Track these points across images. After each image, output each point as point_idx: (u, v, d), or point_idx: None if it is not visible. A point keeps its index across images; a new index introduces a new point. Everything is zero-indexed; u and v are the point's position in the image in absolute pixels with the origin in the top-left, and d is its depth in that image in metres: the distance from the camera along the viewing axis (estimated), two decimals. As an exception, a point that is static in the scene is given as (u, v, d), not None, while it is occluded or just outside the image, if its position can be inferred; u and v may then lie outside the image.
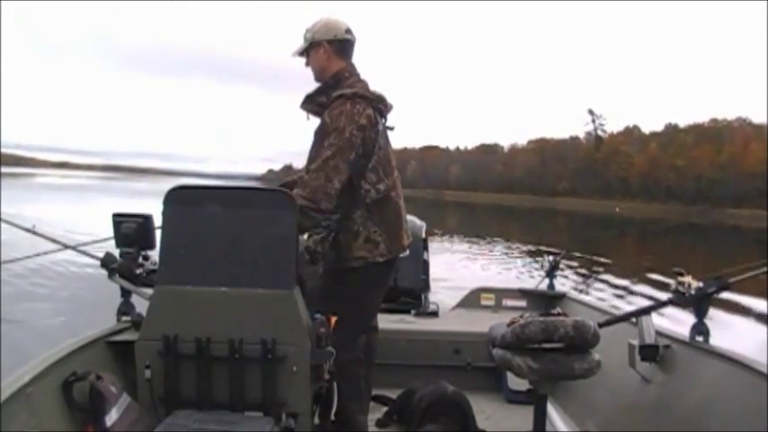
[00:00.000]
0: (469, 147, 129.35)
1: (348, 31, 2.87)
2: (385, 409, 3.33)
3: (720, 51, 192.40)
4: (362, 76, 2.91)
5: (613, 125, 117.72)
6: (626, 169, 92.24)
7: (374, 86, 2.92)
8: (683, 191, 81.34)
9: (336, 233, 2.82)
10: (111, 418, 2.31)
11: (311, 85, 2.96)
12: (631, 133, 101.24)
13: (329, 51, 2.84)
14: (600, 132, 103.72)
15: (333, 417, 2.79)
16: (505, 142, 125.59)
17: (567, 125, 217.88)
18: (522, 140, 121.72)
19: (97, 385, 2.33)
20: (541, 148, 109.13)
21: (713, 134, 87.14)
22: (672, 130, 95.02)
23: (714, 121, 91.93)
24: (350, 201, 2.79)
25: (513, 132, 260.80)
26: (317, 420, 2.69)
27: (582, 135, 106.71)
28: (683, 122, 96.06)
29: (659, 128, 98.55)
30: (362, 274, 2.83)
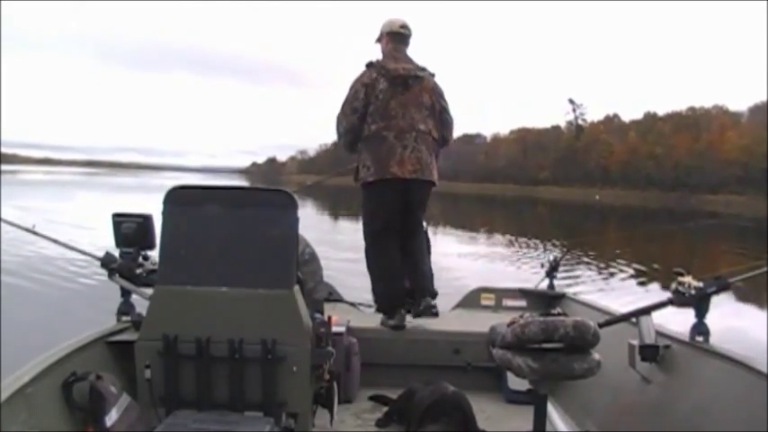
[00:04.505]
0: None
1: (403, 26, 4.10)
2: (385, 408, 3.31)
3: (698, 41, 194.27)
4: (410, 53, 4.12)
5: (594, 114, 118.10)
6: (606, 158, 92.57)
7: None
8: (662, 178, 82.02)
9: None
10: (111, 418, 2.29)
11: (292, 78, 3.20)
12: (611, 122, 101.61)
13: (386, 39, 4.12)
14: (580, 121, 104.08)
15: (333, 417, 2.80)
16: (487, 132, 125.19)
17: (549, 115, 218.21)
18: (504, 130, 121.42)
19: (97, 385, 2.31)
20: (523, 137, 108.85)
21: (691, 122, 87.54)
22: (651, 118, 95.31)
23: (692, 109, 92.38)
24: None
25: (495, 122, 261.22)
26: (317, 420, 2.69)
27: (563, 124, 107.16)
28: (661, 111, 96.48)
29: (638, 116, 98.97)
30: (365, 189, 3.98)
